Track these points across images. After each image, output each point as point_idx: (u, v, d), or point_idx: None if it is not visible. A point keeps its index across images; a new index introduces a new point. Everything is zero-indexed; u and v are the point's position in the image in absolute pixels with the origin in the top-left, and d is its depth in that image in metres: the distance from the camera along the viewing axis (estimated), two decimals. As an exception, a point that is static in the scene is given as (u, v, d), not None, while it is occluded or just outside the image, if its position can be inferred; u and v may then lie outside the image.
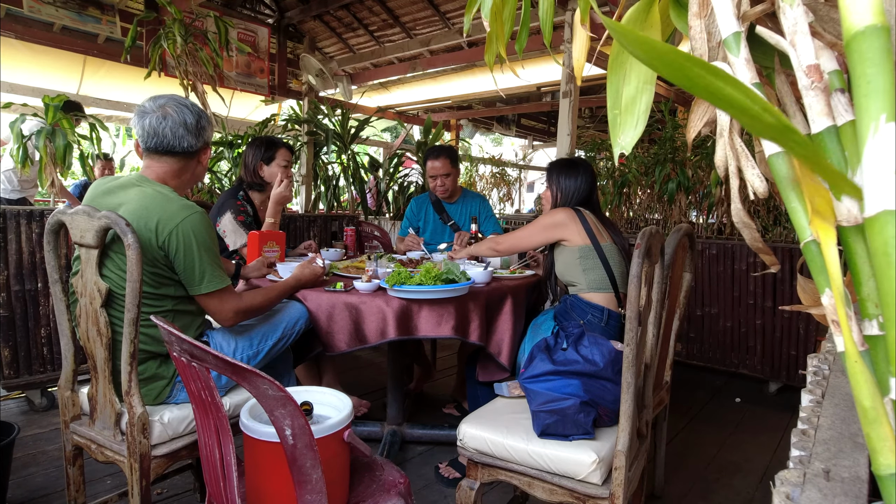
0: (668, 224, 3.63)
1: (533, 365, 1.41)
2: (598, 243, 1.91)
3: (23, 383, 2.49)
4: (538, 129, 8.72)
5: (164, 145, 1.42)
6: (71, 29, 3.66)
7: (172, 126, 1.41)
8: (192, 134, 1.44)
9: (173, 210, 1.35)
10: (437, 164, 2.78)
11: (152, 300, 1.38)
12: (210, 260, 1.40)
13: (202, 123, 1.47)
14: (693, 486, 2.06)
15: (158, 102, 1.42)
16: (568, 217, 1.96)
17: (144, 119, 1.41)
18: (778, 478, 0.51)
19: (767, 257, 0.50)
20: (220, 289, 1.43)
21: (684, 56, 0.33)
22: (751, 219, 0.48)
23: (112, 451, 1.35)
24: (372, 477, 1.18)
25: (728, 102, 0.33)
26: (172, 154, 1.44)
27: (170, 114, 1.41)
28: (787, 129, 0.31)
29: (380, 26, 4.67)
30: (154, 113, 1.40)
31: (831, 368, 0.83)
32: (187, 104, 1.46)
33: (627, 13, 0.57)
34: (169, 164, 1.45)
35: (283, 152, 2.47)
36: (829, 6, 0.43)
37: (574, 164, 2.08)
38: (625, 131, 0.57)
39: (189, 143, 1.44)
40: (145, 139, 1.42)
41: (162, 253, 1.35)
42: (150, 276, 1.35)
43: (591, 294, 1.92)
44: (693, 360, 3.30)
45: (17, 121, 2.79)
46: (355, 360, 3.54)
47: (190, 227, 1.35)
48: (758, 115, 0.32)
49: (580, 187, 2.03)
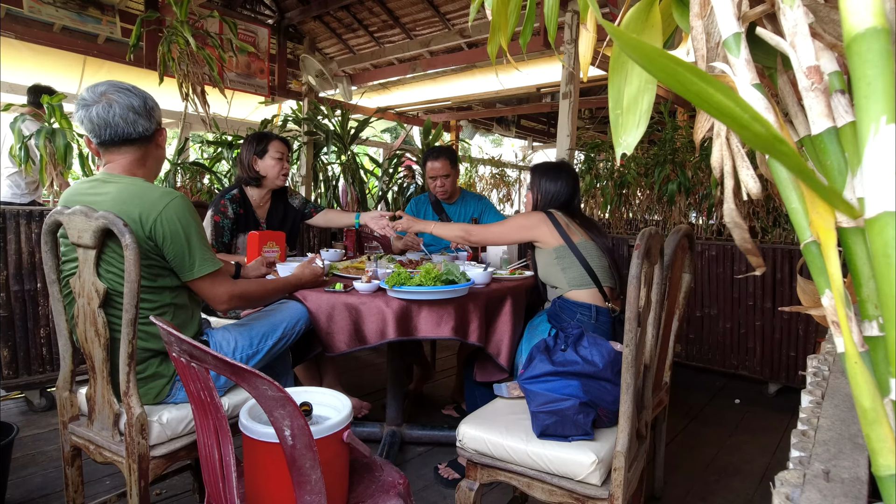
0: (668, 225, 3.63)
1: (532, 366, 1.41)
2: (571, 242, 1.94)
3: (22, 384, 2.49)
4: (538, 130, 8.72)
5: (118, 134, 1.35)
6: (71, 29, 3.66)
7: (121, 112, 1.34)
8: (143, 117, 1.37)
9: (153, 199, 1.32)
10: (437, 165, 2.78)
11: (150, 294, 1.37)
12: (199, 243, 1.38)
13: (149, 104, 1.40)
14: (692, 487, 2.06)
15: (98, 90, 1.34)
16: (539, 219, 1.99)
17: (90, 111, 1.33)
18: (778, 479, 0.51)
19: (754, 259, 0.50)
20: (212, 272, 1.41)
21: (676, 61, 0.33)
22: (742, 219, 0.48)
23: (111, 451, 1.35)
24: (371, 477, 1.18)
25: (718, 109, 0.33)
26: (130, 142, 1.38)
27: (114, 100, 1.34)
28: (775, 140, 0.32)
29: (380, 27, 4.67)
30: (98, 103, 1.33)
31: (831, 369, 0.83)
32: (128, 87, 1.38)
33: (628, 13, 0.57)
34: (130, 153, 1.39)
35: (275, 144, 2.42)
36: (829, 7, 0.43)
37: (557, 169, 2.10)
38: (627, 132, 0.57)
39: (143, 126, 1.38)
40: (97, 132, 1.35)
41: (151, 243, 1.33)
42: (145, 268, 1.33)
43: (574, 292, 1.95)
44: (692, 361, 3.30)
45: (16, 120, 2.79)
46: (355, 361, 3.53)
47: (174, 212, 1.33)
48: (747, 125, 0.32)
49: (560, 191, 2.05)
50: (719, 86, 0.32)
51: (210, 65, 3.20)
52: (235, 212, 2.37)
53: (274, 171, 2.42)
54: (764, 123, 0.32)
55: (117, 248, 1.29)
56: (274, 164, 2.41)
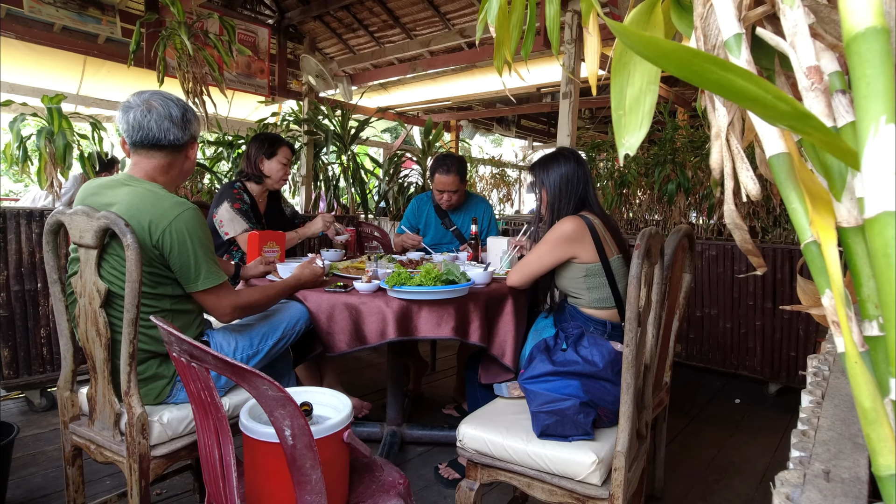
0: (668, 225, 3.63)
1: (532, 366, 1.41)
2: (606, 259, 1.76)
3: (22, 383, 2.49)
4: (538, 129, 8.72)
5: (149, 139, 1.40)
6: (71, 29, 3.66)
7: (157, 119, 1.39)
8: (177, 126, 1.43)
9: (165, 208, 1.34)
10: (447, 180, 2.67)
11: (150, 300, 1.37)
12: (206, 256, 1.39)
13: (188, 116, 1.46)
14: (693, 487, 2.06)
15: (143, 97, 1.41)
16: (579, 228, 1.75)
17: (129, 114, 1.39)
18: (778, 479, 0.51)
19: (755, 259, 0.50)
20: (216, 285, 1.42)
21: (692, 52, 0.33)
22: (743, 220, 0.48)
23: (111, 451, 1.35)
24: (372, 477, 1.18)
25: (741, 94, 0.33)
26: (159, 148, 1.42)
27: (154, 107, 1.40)
28: (803, 115, 0.31)
29: (380, 27, 4.67)
30: (139, 107, 1.39)
31: (831, 369, 0.83)
32: (172, 98, 1.45)
33: (630, 15, 0.57)
34: (157, 159, 1.43)
35: (284, 150, 2.55)
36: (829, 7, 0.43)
37: (554, 155, 1.88)
38: (630, 132, 0.57)
39: (175, 135, 1.42)
40: (131, 133, 1.40)
41: (157, 252, 1.34)
42: (147, 275, 1.33)
43: (592, 311, 1.82)
44: (693, 361, 3.30)
45: (16, 120, 2.79)
46: (356, 361, 3.54)
47: (183, 224, 1.34)
48: (772, 104, 0.32)
49: (570, 178, 1.83)
50: (740, 71, 0.32)
51: (211, 65, 3.20)
52: (244, 202, 2.45)
53: (277, 175, 2.54)
54: (789, 101, 0.31)
55: (119, 249, 1.30)
56: (279, 169, 2.54)
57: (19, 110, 2.85)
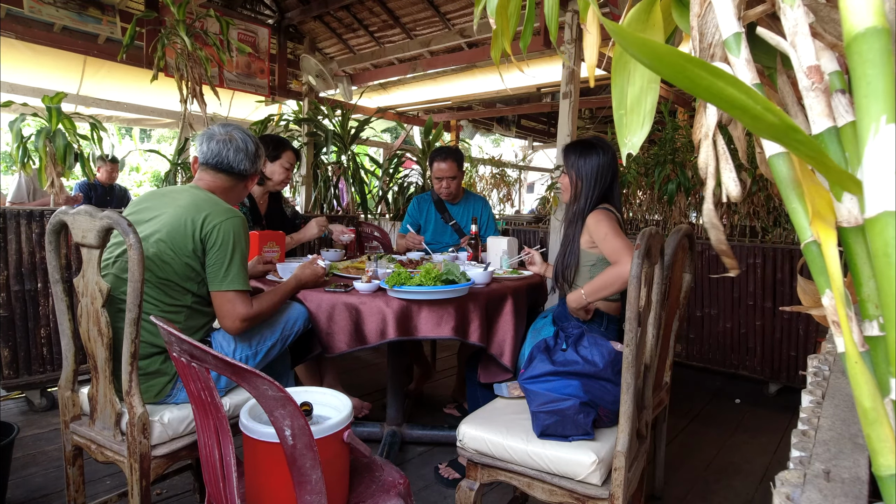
0: (668, 225, 3.63)
1: (533, 366, 1.41)
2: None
3: (22, 383, 2.49)
4: (538, 129, 8.72)
5: (223, 165, 1.59)
6: (71, 29, 3.66)
7: (235, 150, 1.59)
8: (249, 160, 1.62)
9: (223, 209, 1.50)
10: (444, 167, 2.80)
11: (175, 292, 1.44)
12: (240, 261, 1.49)
13: (259, 153, 1.66)
14: (693, 487, 2.06)
15: (227, 129, 1.61)
16: (614, 222, 1.80)
17: (211, 141, 1.58)
18: (778, 478, 0.51)
19: (728, 260, 0.50)
20: (238, 289, 1.48)
21: (685, 57, 0.33)
22: (720, 220, 0.48)
23: (112, 451, 1.35)
24: (372, 477, 1.18)
25: (729, 103, 0.33)
26: (229, 173, 1.60)
27: (235, 139, 1.59)
28: (789, 129, 0.32)
29: (380, 27, 4.67)
30: (222, 137, 1.58)
31: (831, 369, 0.83)
32: (250, 134, 1.65)
33: (629, 14, 0.57)
34: (222, 180, 1.61)
35: (288, 154, 2.56)
36: (829, 7, 0.43)
37: (593, 146, 1.90)
38: (632, 132, 0.57)
39: (245, 166, 1.62)
40: (208, 157, 1.58)
41: (200, 245, 1.44)
42: (182, 266, 1.43)
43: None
44: (693, 360, 3.30)
45: (16, 120, 2.79)
46: (356, 361, 3.54)
47: (232, 226, 1.47)
48: (760, 115, 0.32)
49: (603, 171, 1.87)
50: (729, 79, 0.32)
51: (206, 66, 3.20)
52: (244, 203, 2.46)
53: (279, 178, 2.57)
54: (777, 113, 0.31)
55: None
56: (281, 172, 2.56)
57: (19, 110, 2.85)
